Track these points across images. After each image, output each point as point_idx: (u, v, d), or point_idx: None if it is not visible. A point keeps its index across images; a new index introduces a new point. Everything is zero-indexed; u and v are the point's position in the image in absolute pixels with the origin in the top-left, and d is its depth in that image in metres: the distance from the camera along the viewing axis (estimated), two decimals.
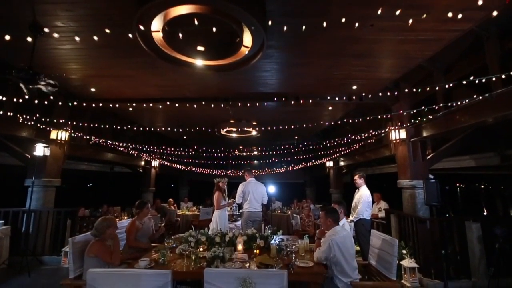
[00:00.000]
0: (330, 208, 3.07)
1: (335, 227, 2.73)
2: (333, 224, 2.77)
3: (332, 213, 2.85)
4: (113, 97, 5.66)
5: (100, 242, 2.73)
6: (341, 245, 2.56)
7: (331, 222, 2.78)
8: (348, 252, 2.59)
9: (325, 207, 3.04)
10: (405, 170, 5.27)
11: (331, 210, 2.93)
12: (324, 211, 2.90)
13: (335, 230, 2.70)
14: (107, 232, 2.83)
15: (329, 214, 2.84)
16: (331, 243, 2.56)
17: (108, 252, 2.69)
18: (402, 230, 4.76)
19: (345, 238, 2.67)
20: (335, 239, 2.58)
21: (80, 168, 9.17)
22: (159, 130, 9.47)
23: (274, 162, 12.96)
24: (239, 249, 3.09)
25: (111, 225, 2.88)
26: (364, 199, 4.54)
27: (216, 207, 4.89)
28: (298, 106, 6.20)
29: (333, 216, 2.82)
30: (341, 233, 2.67)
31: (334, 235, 2.64)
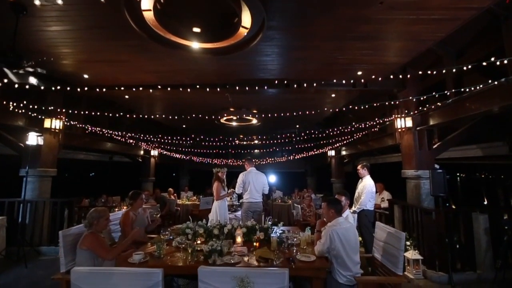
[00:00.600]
0: (333, 198, 2.93)
1: (338, 218, 2.59)
2: (336, 216, 2.64)
3: (335, 204, 2.71)
4: (108, 84, 5.44)
5: (93, 234, 2.61)
6: (342, 237, 2.43)
7: (334, 213, 2.64)
8: (350, 245, 2.45)
9: (328, 198, 2.89)
10: (410, 160, 5.11)
11: (334, 201, 2.79)
12: (326, 202, 2.75)
13: (337, 221, 2.57)
14: (98, 223, 2.71)
15: (331, 205, 2.69)
16: (331, 234, 2.44)
17: (101, 245, 2.58)
18: (406, 221, 4.64)
19: (347, 230, 2.54)
20: (336, 230, 2.45)
21: (78, 158, 9.06)
22: (158, 119, 9.29)
23: (275, 151, 12.81)
24: (238, 242, 2.98)
25: (102, 216, 2.75)
26: (368, 190, 4.41)
27: (215, 198, 4.77)
28: (299, 93, 5.99)
29: (335, 207, 2.68)
30: (343, 225, 2.54)
31: (335, 226, 2.51)
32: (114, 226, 3.41)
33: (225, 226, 3.17)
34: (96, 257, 2.56)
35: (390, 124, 6.19)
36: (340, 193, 3.72)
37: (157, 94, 6.29)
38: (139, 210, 3.45)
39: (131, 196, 3.42)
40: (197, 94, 6.15)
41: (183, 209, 8.98)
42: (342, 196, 3.53)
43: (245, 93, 5.77)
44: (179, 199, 9.66)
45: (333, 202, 2.75)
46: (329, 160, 10.64)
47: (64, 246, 2.52)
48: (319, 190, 12.37)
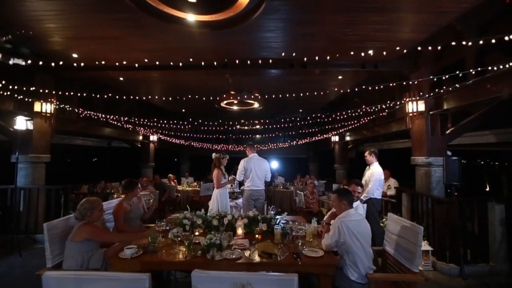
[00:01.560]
0: (343, 189, 2.70)
1: (349, 210, 2.36)
2: (348, 207, 2.40)
3: (346, 195, 2.47)
4: (100, 65, 5.09)
5: (90, 223, 2.44)
6: (353, 230, 2.21)
7: (346, 204, 2.41)
8: (363, 238, 2.24)
9: (338, 189, 2.66)
10: (421, 146, 4.82)
11: (344, 192, 2.55)
12: (337, 193, 2.52)
13: (347, 213, 2.34)
14: (92, 215, 2.51)
15: (343, 196, 2.46)
16: (340, 226, 2.22)
17: (103, 231, 2.52)
18: (415, 210, 4.44)
19: (359, 222, 2.32)
20: (345, 222, 2.23)
21: (75, 143, 8.84)
22: (156, 102, 8.97)
23: (277, 137, 12.52)
24: (239, 234, 2.77)
25: (95, 207, 2.55)
26: (376, 177, 4.18)
27: (216, 186, 4.54)
28: (304, 75, 5.63)
29: (347, 198, 2.44)
30: (354, 217, 2.31)
31: (345, 217, 2.29)
32: (108, 215, 3.21)
33: (225, 217, 2.96)
34: (86, 251, 2.37)
35: (399, 109, 5.85)
36: (355, 183, 3.45)
37: (154, 76, 5.96)
38: (133, 200, 3.23)
39: (125, 185, 3.19)
40: (196, 76, 5.81)
41: (184, 195, 8.87)
42: (357, 186, 3.27)
43: (246, 74, 5.43)
44: (180, 185, 9.52)
45: (344, 192, 2.51)
46: (333, 146, 10.37)
47: (50, 239, 2.32)
48: (322, 176, 12.20)
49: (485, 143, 6.16)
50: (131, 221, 3.16)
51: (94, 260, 2.37)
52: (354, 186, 3.25)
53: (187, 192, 8.87)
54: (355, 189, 3.31)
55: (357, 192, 3.30)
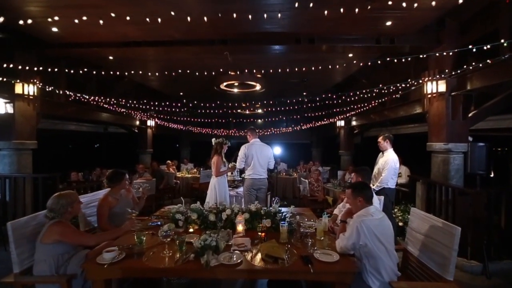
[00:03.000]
0: (359, 184, 2.30)
1: (368, 208, 1.99)
2: (365, 204, 2.03)
3: (363, 190, 2.09)
4: (85, 41, 4.60)
5: (62, 223, 2.08)
6: (376, 231, 1.85)
7: (362, 201, 2.03)
8: (387, 240, 1.89)
9: (353, 183, 2.27)
10: (440, 131, 4.38)
11: (361, 186, 2.15)
12: (352, 189, 2.13)
13: (367, 211, 1.97)
14: (73, 210, 2.18)
15: (359, 191, 2.07)
16: (359, 226, 1.85)
17: (78, 232, 2.19)
18: (431, 200, 4.08)
19: (381, 221, 1.95)
20: (366, 222, 1.86)
21: (68, 129, 8.45)
22: (152, 86, 8.49)
23: (280, 121, 12.07)
24: (239, 231, 2.42)
25: (74, 200, 2.20)
26: (391, 165, 3.78)
27: (214, 174, 4.18)
28: (311, 52, 5.11)
29: (365, 193, 2.06)
30: (376, 215, 1.94)
31: (365, 216, 1.91)
32: (92, 209, 2.87)
33: (223, 211, 2.60)
34: (61, 254, 2.03)
35: (414, 90, 5.35)
36: (358, 172, 3.05)
37: (146, 54, 5.47)
38: (121, 192, 2.87)
39: (110, 178, 2.82)
40: (192, 54, 5.30)
41: (183, 182, 8.59)
42: (359, 174, 2.88)
43: (247, 51, 4.92)
44: (179, 172, 9.23)
45: (360, 187, 2.12)
46: (338, 131, 9.92)
47: (17, 241, 1.97)
48: (325, 162, 11.84)
49: (507, 128, 5.69)
50: (119, 216, 2.81)
51: (74, 263, 2.04)
52: (358, 176, 2.87)
53: (186, 179, 8.59)
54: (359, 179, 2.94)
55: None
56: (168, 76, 7.39)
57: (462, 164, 4.27)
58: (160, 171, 7.49)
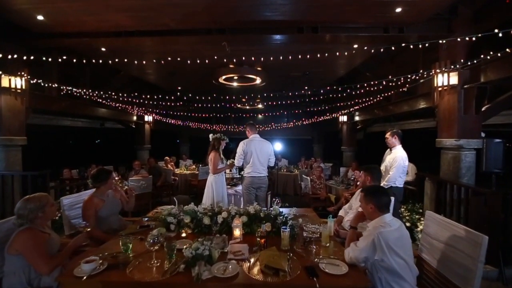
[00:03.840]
0: (373, 189, 1.97)
1: (384, 216, 1.75)
2: (378, 212, 1.78)
3: (376, 196, 1.83)
4: (74, 30, 4.34)
5: (30, 231, 1.83)
6: (394, 244, 1.61)
7: (374, 208, 1.79)
8: (407, 253, 1.66)
9: (368, 186, 2.01)
10: (450, 126, 4.13)
11: (373, 191, 1.88)
12: (364, 193, 1.88)
13: (383, 220, 1.73)
14: (45, 214, 1.94)
15: (370, 197, 1.82)
16: (376, 240, 1.62)
17: (37, 249, 1.79)
18: (441, 199, 3.85)
19: (400, 232, 1.71)
20: (385, 234, 1.62)
21: (63, 124, 8.22)
22: (149, 80, 8.22)
23: (281, 117, 11.80)
24: (236, 236, 2.20)
25: (46, 203, 1.96)
26: (399, 163, 3.54)
27: (212, 171, 3.97)
28: (314, 42, 4.83)
29: (376, 200, 1.80)
30: (393, 224, 1.70)
31: (382, 227, 1.67)
32: (77, 210, 2.66)
33: (219, 214, 2.38)
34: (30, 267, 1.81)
35: (422, 84, 5.10)
36: (367, 170, 2.71)
37: (141, 45, 5.19)
38: (108, 193, 2.65)
39: (95, 177, 2.59)
40: (189, 45, 5.03)
41: (182, 179, 8.38)
42: (368, 174, 2.62)
43: (246, 42, 4.65)
44: (177, 168, 9.02)
45: (372, 192, 1.86)
46: (340, 126, 9.67)
47: None
48: (327, 158, 11.62)
49: None
50: (107, 219, 2.60)
51: (48, 276, 1.81)
52: (367, 175, 2.60)
53: (185, 176, 8.37)
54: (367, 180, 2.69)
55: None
56: (164, 69, 7.15)
57: (474, 162, 4.04)
58: (157, 167, 7.27)
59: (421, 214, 4.03)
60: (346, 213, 2.84)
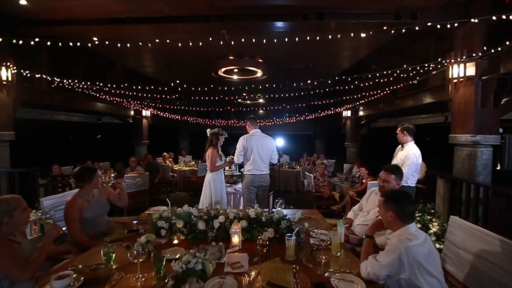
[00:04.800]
0: (399, 193, 1.65)
1: (409, 227, 1.47)
2: (399, 222, 1.52)
3: (402, 203, 1.53)
4: (62, 18, 4.05)
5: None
6: (425, 262, 1.34)
7: (394, 217, 1.52)
8: (436, 268, 1.40)
9: (388, 192, 1.71)
10: (466, 121, 3.85)
11: (401, 197, 1.57)
12: (384, 198, 1.61)
13: (408, 231, 1.46)
14: (12, 221, 1.68)
15: (393, 203, 1.54)
16: (403, 256, 1.35)
17: (8, 256, 1.55)
18: (456, 200, 3.59)
19: (429, 245, 1.44)
20: (413, 250, 1.35)
21: (58, 119, 7.95)
22: (146, 73, 7.93)
23: (283, 111, 11.51)
24: (235, 243, 1.95)
25: (14, 207, 1.70)
26: (412, 161, 3.26)
27: (209, 169, 3.71)
28: (318, 31, 4.51)
29: (402, 208, 1.52)
30: (420, 236, 1.44)
31: (409, 240, 1.40)
32: (61, 212, 2.41)
33: (215, 218, 2.13)
34: (4, 278, 1.57)
35: (434, 76, 4.80)
36: (389, 171, 2.33)
37: (135, 34, 4.88)
38: (93, 192, 2.40)
39: (78, 176, 2.33)
40: (186, 34, 4.71)
41: (180, 175, 8.15)
42: (391, 174, 2.34)
43: (247, 30, 4.34)
44: (176, 165, 8.78)
45: (396, 198, 1.57)
46: (344, 122, 9.38)
47: None
48: (329, 154, 11.35)
49: None
50: (93, 222, 2.36)
51: None
52: (388, 174, 2.31)
53: (183, 172, 8.14)
54: (389, 179, 2.41)
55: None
56: (162, 61, 6.86)
57: (490, 159, 3.77)
58: (155, 164, 7.03)
59: (432, 215, 3.77)
60: (355, 215, 2.59)
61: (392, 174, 2.27)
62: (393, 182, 2.25)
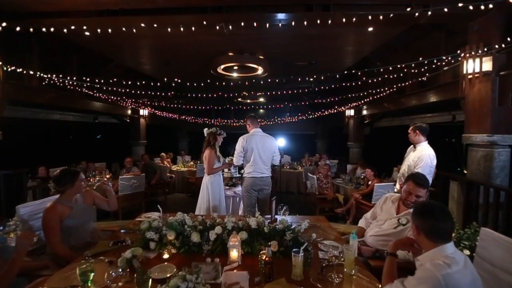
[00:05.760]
0: (430, 206, 1.32)
1: (445, 247, 1.21)
2: (430, 242, 1.26)
3: (432, 217, 1.25)
4: (50, 10, 3.80)
5: None
6: None
7: (424, 239, 1.26)
8: None
9: (418, 205, 1.41)
10: (482, 120, 3.59)
11: (431, 210, 1.28)
12: (414, 213, 1.34)
13: (444, 253, 1.20)
14: None
15: (421, 217, 1.28)
16: (439, 284, 1.09)
17: None
18: (472, 205, 3.34)
19: (470, 268, 1.18)
20: (454, 278, 1.10)
21: (52, 118, 7.70)
22: (143, 70, 7.67)
23: (284, 110, 11.25)
24: (233, 259, 1.70)
25: None
26: (426, 162, 3.00)
27: (207, 171, 3.45)
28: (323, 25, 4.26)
29: (432, 224, 1.24)
30: (460, 260, 1.18)
31: (447, 265, 1.13)
32: (39, 221, 2.16)
33: (211, 229, 1.88)
34: None
35: (445, 72, 4.56)
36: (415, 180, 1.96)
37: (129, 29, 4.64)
38: (76, 198, 2.16)
39: (58, 180, 2.08)
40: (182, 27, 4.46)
41: (179, 176, 7.90)
42: (424, 189, 1.93)
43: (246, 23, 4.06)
44: (175, 165, 8.53)
45: (425, 211, 1.30)
46: (347, 121, 9.13)
47: None
48: (331, 154, 11.09)
49: None
50: (76, 230, 2.11)
51: None
52: (417, 187, 1.99)
53: (182, 173, 7.89)
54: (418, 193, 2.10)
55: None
56: (159, 58, 6.61)
57: (508, 161, 3.52)
58: (152, 164, 6.78)
59: None
60: (368, 224, 2.34)
61: (426, 188, 1.96)
62: (425, 196, 1.97)
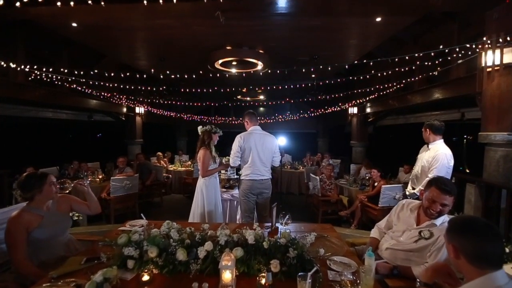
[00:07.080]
0: (472, 222, 1.03)
1: (493, 275, 0.92)
2: (473, 268, 0.96)
3: (474, 237, 0.98)
4: None
5: None
6: None
7: (465, 263, 0.97)
8: None
9: (456, 219, 1.12)
10: (502, 117, 3.30)
11: (473, 228, 0.99)
12: (447, 231, 1.06)
13: (493, 284, 0.91)
14: None
15: (455, 236, 1.01)
16: None
17: None
18: (493, 210, 3.05)
19: None
20: None
21: (44, 116, 7.42)
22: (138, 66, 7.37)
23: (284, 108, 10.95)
24: (226, 282, 1.41)
25: None
26: (442, 163, 2.71)
27: (201, 173, 3.15)
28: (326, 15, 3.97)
29: (474, 245, 0.96)
30: None
31: None
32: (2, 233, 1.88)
33: (200, 245, 1.59)
34: None
35: (457, 66, 4.25)
36: (449, 191, 1.63)
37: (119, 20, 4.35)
38: (48, 205, 1.87)
39: (23, 185, 1.79)
40: (177, 18, 4.17)
41: (176, 176, 7.62)
42: (451, 196, 1.63)
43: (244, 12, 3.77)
44: (172, 165, 8.25)
45: (465, 228, 1.02)
46: (350, 119, 8.82)
47: None
48: (333, 153, 10.80)
49: None
50: (48, 242, 1.83)
51: None
52: (444, 194, 1.69)
53: (179, 173, 7.61)
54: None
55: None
56: (153, 52, 6.32)
57: None
58: (147, 164, 6.50)
59: None
60: (382, 235, 2.05)
61: (454, 195, 1.66)
62: (452, 205, 1.68)
